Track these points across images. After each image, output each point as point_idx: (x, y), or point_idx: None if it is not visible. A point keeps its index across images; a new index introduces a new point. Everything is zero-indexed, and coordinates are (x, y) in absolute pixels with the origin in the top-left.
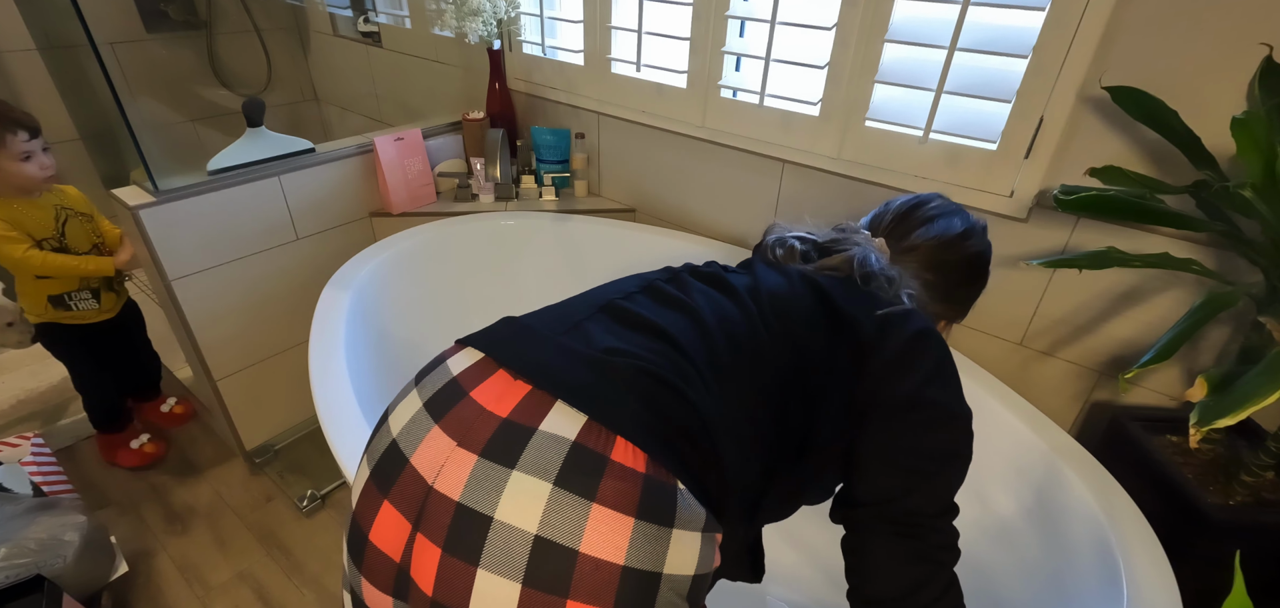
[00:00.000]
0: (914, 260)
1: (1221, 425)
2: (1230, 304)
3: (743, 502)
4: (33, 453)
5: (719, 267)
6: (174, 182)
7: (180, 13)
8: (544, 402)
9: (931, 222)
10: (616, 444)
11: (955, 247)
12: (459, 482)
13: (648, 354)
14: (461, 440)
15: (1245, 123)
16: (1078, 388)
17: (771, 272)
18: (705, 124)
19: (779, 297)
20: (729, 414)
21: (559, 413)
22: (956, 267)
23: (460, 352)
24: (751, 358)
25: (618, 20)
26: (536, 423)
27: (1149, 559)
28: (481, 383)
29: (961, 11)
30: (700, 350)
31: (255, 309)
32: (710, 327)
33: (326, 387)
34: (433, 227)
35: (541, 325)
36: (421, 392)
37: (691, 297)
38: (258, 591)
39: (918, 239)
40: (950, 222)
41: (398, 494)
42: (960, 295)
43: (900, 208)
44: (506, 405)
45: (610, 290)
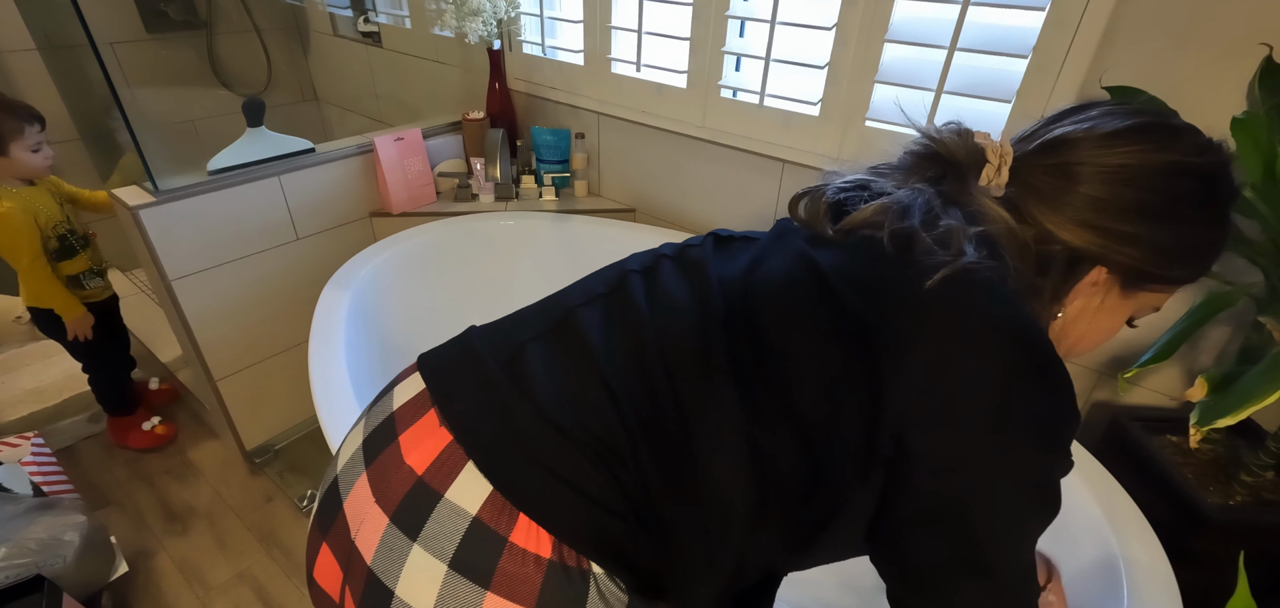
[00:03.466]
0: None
1: (1221, 425)
2: (1230, 304)
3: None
4: (33, 453)
5: (715, 244)
6: (174, 182)
7: (180, 13)
8: (458, 460)
9: (1096, 118)
10: (519, 523)
11: (1134, 140)
12: (372, 544)
13: (574, 405)
14: (379, 497)
15: (1245, 123)
16: (1077, 388)
17: (777, 251)
18: (705, 124)
19: (770, 293)
20: (681, 469)
21: (467, 479)
22: (1133, 176)
23: (409, 378)
24: (706, 396)
25: (618, 20)
26: (444, 489)
27: (1149, 559)
28: (412, 426)
29: (961, 11)
30: (644, 395)
31: (255, 309)
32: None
33: (326, 387)
34: (433, 227)
35: (488, 346)
36: (366, 423)
37: (654, 308)
38: (258, 591)
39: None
40: (1127, 115)
41: (333, 538)
42: (1143, 229)
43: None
44: (426, 458)
45: (581, 288)
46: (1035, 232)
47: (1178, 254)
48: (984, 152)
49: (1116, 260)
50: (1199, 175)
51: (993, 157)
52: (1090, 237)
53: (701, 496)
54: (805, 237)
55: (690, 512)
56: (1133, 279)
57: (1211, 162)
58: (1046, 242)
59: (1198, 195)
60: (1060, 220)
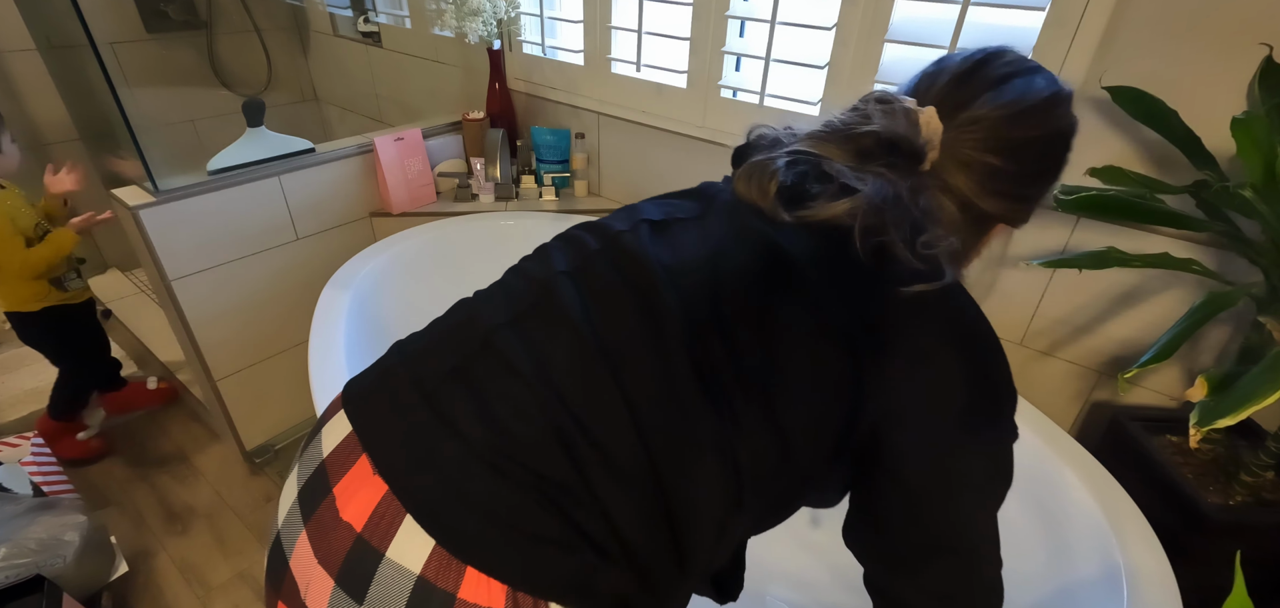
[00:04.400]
0: (972, 137)
1: (1221, 425)
2: (1230, 304)
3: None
4: (33, 453)
5: (650, 229)
6: (174, 181)
7: (180, 13)
8: (396, 513)
9: (1004, 82)
10: (466, 577)
11: (1035, 117)
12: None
13: (510, 440)
14: (321, 558)
15: (1245, 123)
16: (1078, 388)
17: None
18: (705, 124)
19: (725, 291)
20: (641, 484)
21: (407, 534)
22: (1032, 147)
23: (335, 417)
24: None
25: (618, 20)
26: (385, 547)
27: (1149, 559)
28: (345, 474)
29: (961, 11)
30: (591, 411)
31: (255, 309)
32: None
33: (326, 387)
34: (433, 227)
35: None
36: (299, 473)
37: (595, 311)
38: (258, 591)
39: (982, 108)
40: (1031, 81)
41: (286, 596)
42: (1030, 189)
43: (962, 65)
44: (363, 513)
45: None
46: (958, 200)
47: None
48: (921, 130)
49: (1017, 217)
50: (1070, 134)
51: (926, 132)
52: (1003, 204)
53: (672, 513)
54: (762, 217)
55: (659, 529)
56: (1019, 225)
57: (1073, 118)
58: (966, 208)
59: (1065, 151)
60: (981, 193)
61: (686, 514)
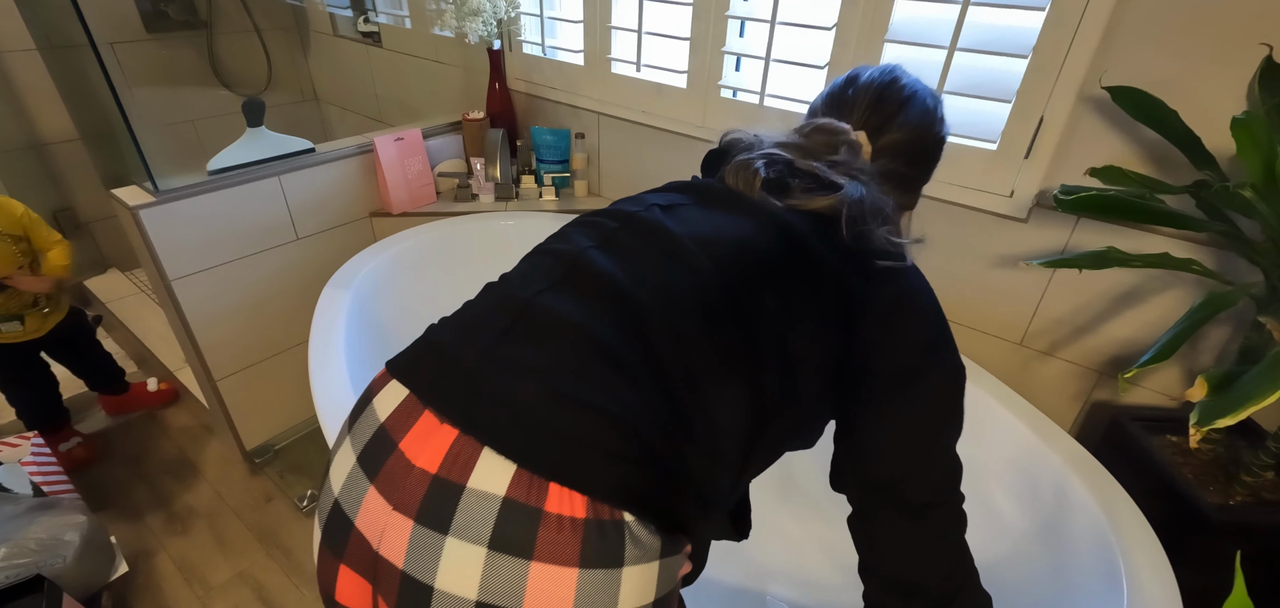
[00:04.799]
0: (891, 154)
1: (1221, 425)
2: (1230, 304)
3: (708, 495)
4: (33, 453)
5: (660, 210)
6: (174, 182)
7: (180, 13)
8: (472, 450)
9: (907, 104)
10: (550, 492)
11: (929, 133)
12: (400, 550)
13: (571, 374)
14: (397, 504)
15: (1245, 123)
16: (1078, 388)
17: (732, 212)
18: (705, 124)
19: (744, 249)
20: (683, 413)
21: (487, 464)
22: (925, 156)
23: (386, 386)
24: (709, 340)
25: (618, 20)
26: (465, 479)
27: (1149, 559)
28: (409, 430)
29: (961, 11)
30: (637, 348)
31: (255, 309)
32: (651, 311)
33: (326, 387)
34: (433, 227)
35: (461, 345)
36: (354, 441)
37: (625, 269)
38: (258, 591)
39: (897, 127)
40: (922, 101)
41: (352, 557)
42: (922, 183)
43: (874, 89)
44: (436, 457)
45: (528, 281)
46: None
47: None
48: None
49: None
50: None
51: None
52: (908, 197)
53: (711, 435)
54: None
55: (701, 451)
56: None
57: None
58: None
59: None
60: (898, 192)
61: (723, 438)
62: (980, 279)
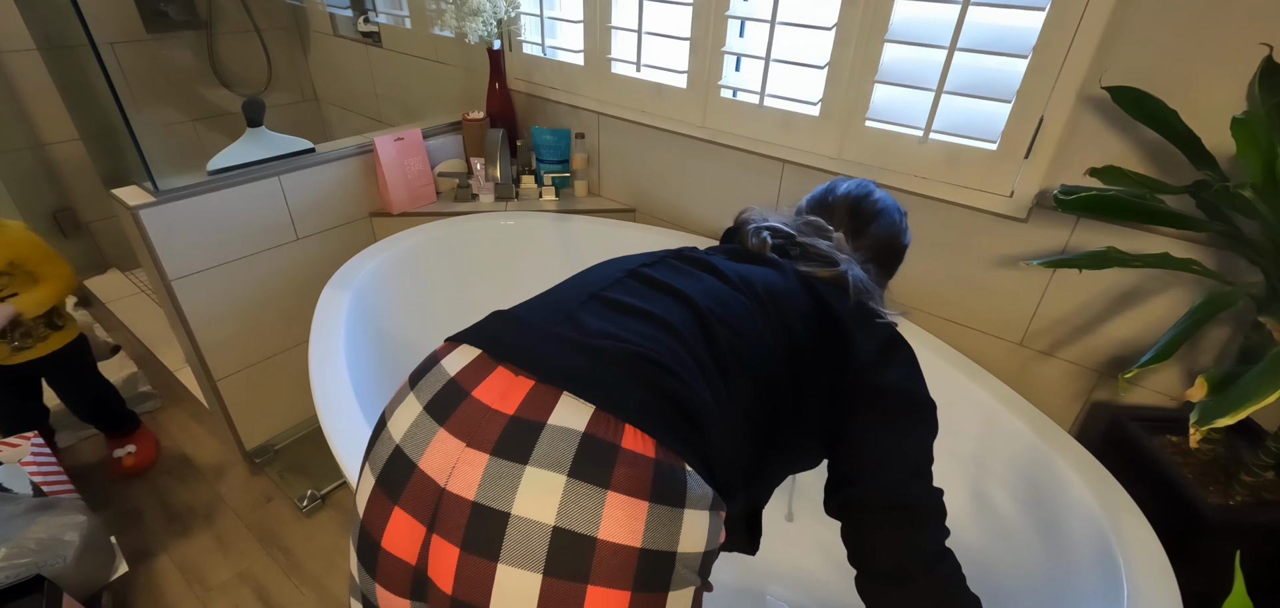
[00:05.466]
0: (863, 254)
1: (1221, 425)
2: (1230, 304)
3: (741, 479)
4: (33, 453)
5: (703, 253)
6: (174, 182)
7: (180, 13)
8: (549, 396)
9: (878, 217)
10: (625, 432)
11: (895, 241)
12: (473, 482)
13: (645, 341)
14: (470, 441)
15: (1245, 123)
16: (1078, 388)
17: (758, 265)
18: (705, 124)
19: (776, 291)
20: (728, 398)
21: (566, 405)
22: (892, 258)
23: (454, 350)
24: (751, 345)
25: (618, 20)
26: (545, 417)
27: (1149, 559)
28: (483, 381)
29: (961, 11)
30: (697, 336)
31: (255, 309)
32: (706, 312)
33: (326, 387)
34: (433, 227)
35: (534, 316)
36: (419, 395)
37: (683, 282)
38: (258, 591)
39: (870, 235)
40: (891, 216)
41: (409, 499)
42: (889, 276)
43: (850, 202)
44: (512, 402)
45: (597, 278)
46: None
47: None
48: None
49: None
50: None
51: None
52: (885, 279)
53: (742, 427)
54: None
55: (734, 438)
56: None
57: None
58: None
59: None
60: (880, 275)
61: (749, 432)
62: (980, 279)
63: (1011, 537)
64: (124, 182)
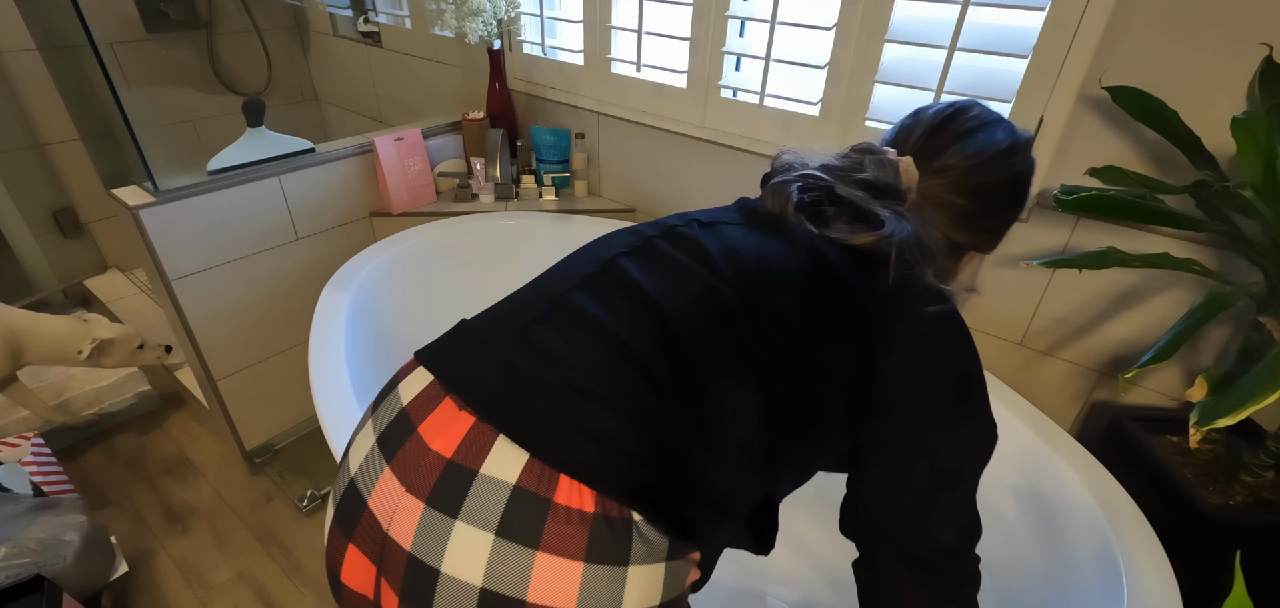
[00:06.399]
0: (944, 183)
1: (1221, 425)
2: (1230, 304)
3: (726, 509)
4: (33, 453)
5: (699, 226)
6: (174, 182)
7: (180, 13)
8: (487, 437)
9: (969, 135)
10: (560, 484)
11: (996, 166)
12: (409, 531)
13: (595, 371)
14: (409, 485)
15: (1245, 123)
16: (1078, 388)
17: (767, 234)
18: (705, 124)
19: (776, 276)
20: (702, 421)
21: (500, 452)
22: (995, 190)
23: (413, 372)
24: (732, 354)
25: (618, 20)
26: (478, 465)
27: (1149, 559)
28: (429, 415)
29: (961, 11)
30: (661, 352)
31: (255, 309)
32: (675, 322)
33: (326, 387)
34: (433, 227)
35: (491, 332)
36: (375, 424)
37: (657, 280)
38: (258, 591)
39: (952, 158)
40: (991, 134)
41: (361, 537)
42: (995, 223)
43: (934, 119)
44: (452, 442)
45: (566, 274)
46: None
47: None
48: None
49: (984, 245)
50: (1029, 175)
51: (905, 180)
52: (969, 235)
53: (723, 443)
54: (801, 225)
55: (715, 458)
56: (987, 251)
57: (1031, 160)
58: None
59: (1026, 188)
60: (952, 227)
61: (735, 450)
62: (980, 278)
63: (1011, 536)
64: (124, 182)
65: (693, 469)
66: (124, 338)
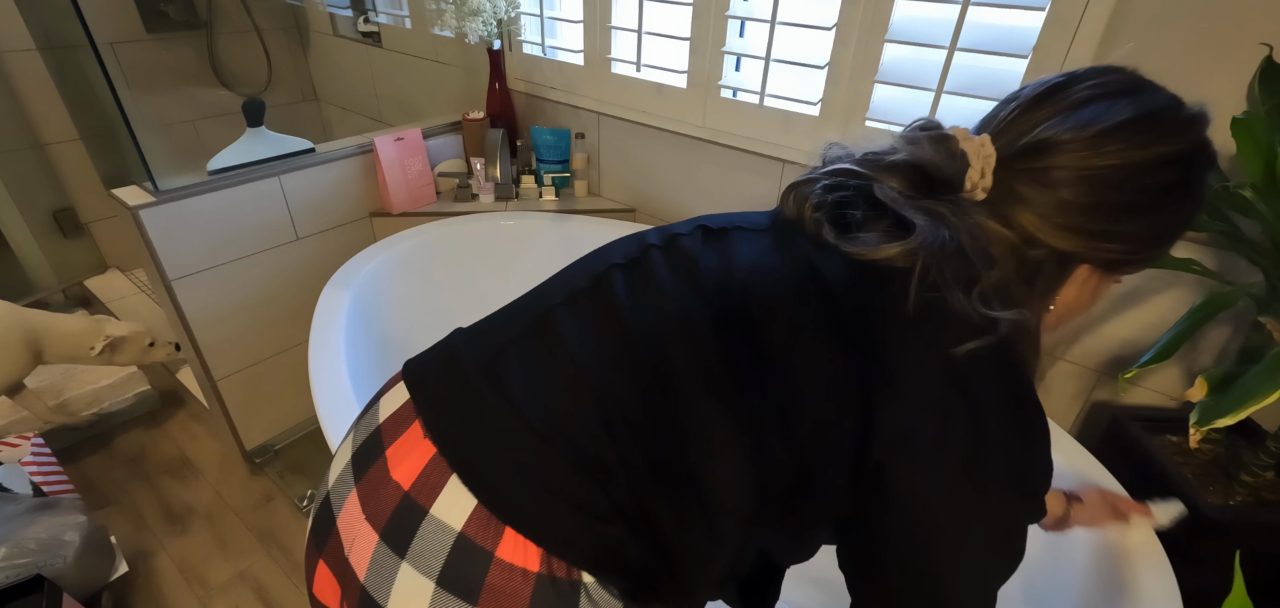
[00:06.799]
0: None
1: (1221, 425)
2: (1230, 304)
3: (696, 560)
4: (33, 453)
5: (706, 235)
6: (174, 182)
7: (180, 13)
8: (442, 474)
9: (1081, 106)
10: (505, 537)
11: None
12: (364, 561)
13: (557, 412)
14: (369, 514)
15: (1245, 123)
16: (1078, 388)
17: (771, 248)
18: (705, 124)
19: (757, 298)
20: (666, 468)
21: (451, 494)
22: (1112, 174)
23: (395, 386)
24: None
25: (618, 20)
26: (430, 504)
27: (1149, 560)
28: (398, 438)
29: (961, 11)
30: (630, 394)
31: (255, 309)
32: (648, 353)
33: (326, 387)
34: (433, 227)
35: (472, 350)
36: (355, 438)
37: (639, 302)
38: (258, 591)
39: (1048, 131)
40: (1113, 104)
41: (329, 554)
42: (1116, 227)
43: (1038, 88)
44: (411, 472)
45: (559, 286)
46: (1021, 236)
47: (1158, 238)
48: (966, 156)
49: (1101, 258)
50: (1181, 161)
51: (975, 161)
52: (1077, 240)
53: (697, 498)
54: (810, 240)
55: (684, 514)
56: (1116, 269)
57: (1192, 141)
58: (1032, 245)
59: (1179, 181)
60: (1047, 228)
61: (711, 503)
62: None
63: None
64: (124, 182)
65: (655, 527)
66: (135, 336)
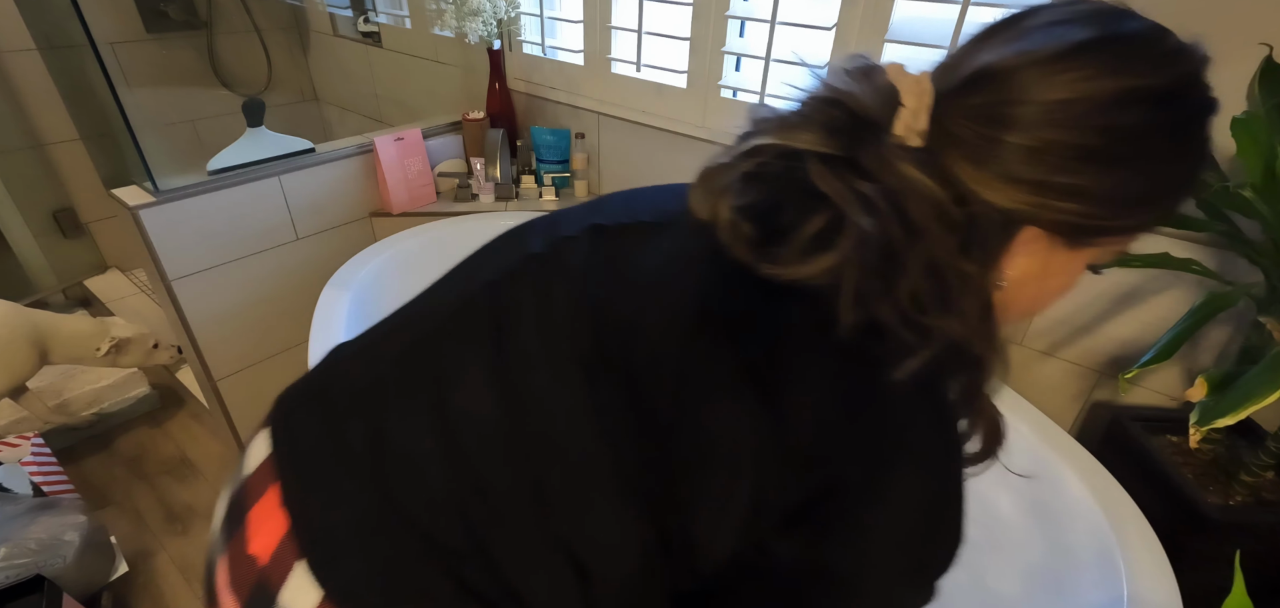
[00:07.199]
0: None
1: (1221, 425)
2: (1230, 304)
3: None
4: (33, 453)
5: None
6: (174, 182)
7: (180, 13)
8: (292, 554)
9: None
10: None
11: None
12: None
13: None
14: (233, 583)
15: (1245, 123)
16: (1078, 388)
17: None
18: (705, 124)
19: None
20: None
21: (298, 580)
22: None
23: (264, 431)
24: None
25: (618, 20)
26: (278, 589)
27: (1149, 559)
28: (258, 501)
29: (961, 11)
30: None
31: (255, 309)
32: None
33: None
34: (433, 227)
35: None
36: (229, 490)
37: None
38: None
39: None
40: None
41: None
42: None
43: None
44: (267, 547)
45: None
46: (956, 193)
47: (1132, 200)
48: (898, 93)
49: (1049, 218)
50: (1159, 99)
51: (908, 98)
52: (1019, 193)
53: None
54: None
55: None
56: (1077, 235)
57: (1175, 77)
58: (968, 203)
59: (1155, 124)
60: (985, 177)
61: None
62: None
63: (1011, 536)
64: (124, 182)
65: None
66: (140, 337)
